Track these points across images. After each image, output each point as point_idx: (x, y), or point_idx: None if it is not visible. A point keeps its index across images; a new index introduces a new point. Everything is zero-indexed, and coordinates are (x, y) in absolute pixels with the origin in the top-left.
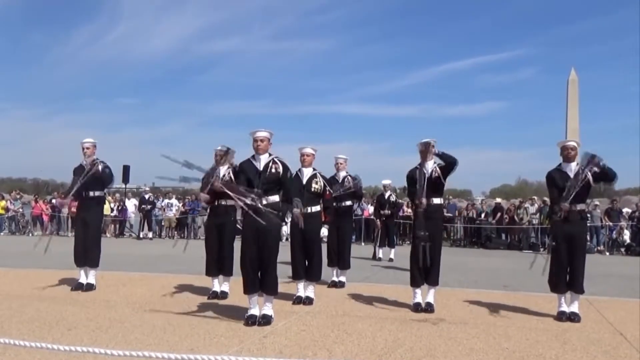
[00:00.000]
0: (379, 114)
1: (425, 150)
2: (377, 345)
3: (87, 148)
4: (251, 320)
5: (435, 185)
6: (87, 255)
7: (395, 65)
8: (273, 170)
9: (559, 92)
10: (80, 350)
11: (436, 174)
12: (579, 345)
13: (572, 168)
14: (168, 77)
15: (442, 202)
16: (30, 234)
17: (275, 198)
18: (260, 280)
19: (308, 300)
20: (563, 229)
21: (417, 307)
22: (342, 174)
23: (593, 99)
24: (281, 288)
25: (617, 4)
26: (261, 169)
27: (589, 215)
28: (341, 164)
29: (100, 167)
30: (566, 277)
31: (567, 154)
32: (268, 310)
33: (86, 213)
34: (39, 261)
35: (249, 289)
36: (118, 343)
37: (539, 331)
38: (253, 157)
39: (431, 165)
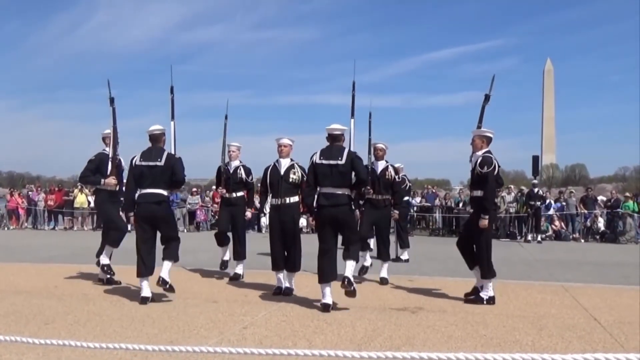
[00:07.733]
0: (361, 104)
1: (475, 140)
2: (357, 334)
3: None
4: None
5: (478, 177)
6: None
7: (377, 56)
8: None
9: (537, 82)
10: (57, 343)
11: (477, 171)
12: (555, 331)
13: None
14: (148, 67)
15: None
16: (6, 228)
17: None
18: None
19: (288, 291)
20: None
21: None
22: None
23: (571, 88)
24: (261, 279)
25: None
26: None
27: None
28: None
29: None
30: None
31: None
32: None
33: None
34: (14, 255)
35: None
36: (96, 336)
37: (515, 318)
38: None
39: (475, 158)
